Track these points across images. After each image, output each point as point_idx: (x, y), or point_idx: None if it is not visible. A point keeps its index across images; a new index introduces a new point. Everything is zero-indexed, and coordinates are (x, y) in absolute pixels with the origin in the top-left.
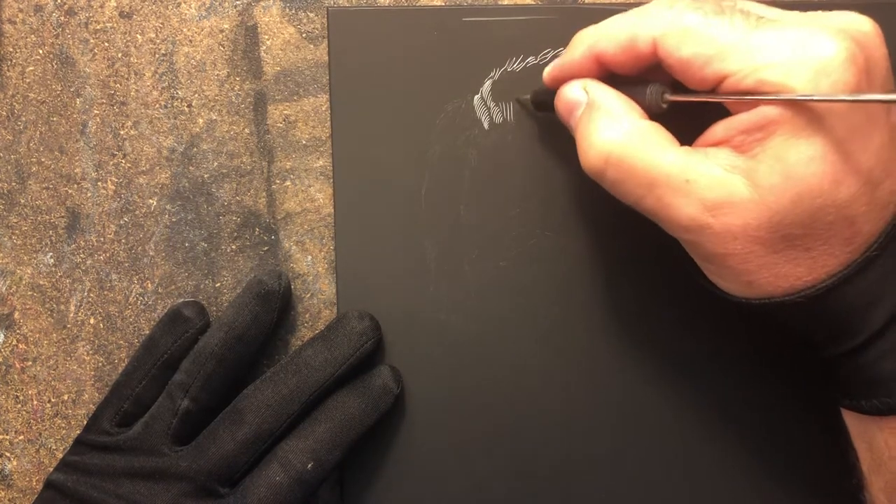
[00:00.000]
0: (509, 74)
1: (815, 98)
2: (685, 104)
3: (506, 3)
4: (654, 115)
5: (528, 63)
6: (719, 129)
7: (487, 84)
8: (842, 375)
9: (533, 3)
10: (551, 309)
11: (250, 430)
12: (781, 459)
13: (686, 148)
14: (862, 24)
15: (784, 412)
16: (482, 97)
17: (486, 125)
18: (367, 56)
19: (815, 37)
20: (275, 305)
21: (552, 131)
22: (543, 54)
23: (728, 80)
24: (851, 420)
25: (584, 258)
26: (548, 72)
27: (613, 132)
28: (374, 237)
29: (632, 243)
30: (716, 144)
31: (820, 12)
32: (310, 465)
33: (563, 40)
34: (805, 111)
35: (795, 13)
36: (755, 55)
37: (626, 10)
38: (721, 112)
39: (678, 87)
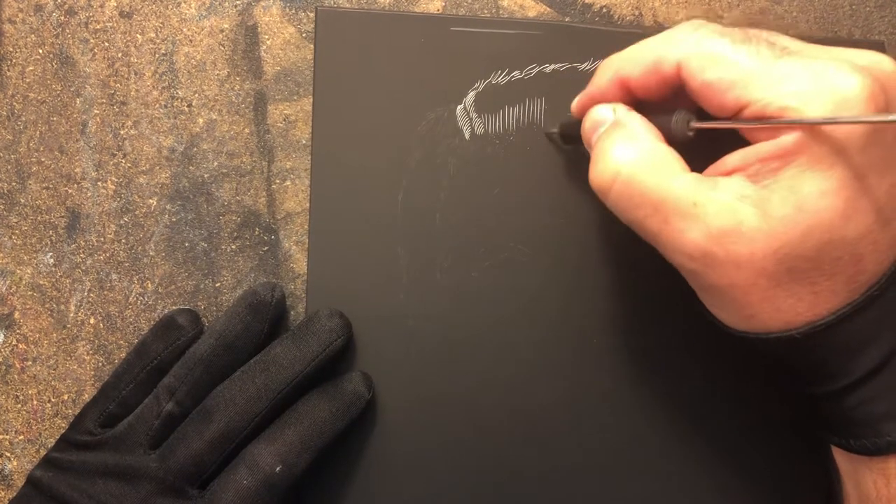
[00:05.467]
0: (493, 87)
1: (836, 120)
2: (707, 132)
3: (494, 16)
4: (681, 142)
5: (513, 77)
6: (735, 157)
7: (471, 95)
8: (832, 413)
9: (521, 17)
10: (520, 321)
11: (217, 429)
12: (768, 483)
13: (697, 175)
14: (884, 64)
15: (775, 439)
16: (465, 108)
17: (467, 135)
18: (353, 58)
19: (838, 71)
20: (266, 317)
21: (533, 147)
22: (528, 69)
23: (749, 108)
24: (841, 458)
25: (556, 273)
26: (576, 103)
27: (628, 151)
28: (347, 240)
29: (604, 262)
30: (730, 173)
31: (844, 48)
32: (278, 469)
33: (549, 56)
34: (823, 144)
35: (819, 47)
36: (778, 84)
37: (610, 32)
38: (734, 143)
39: (703, 116)
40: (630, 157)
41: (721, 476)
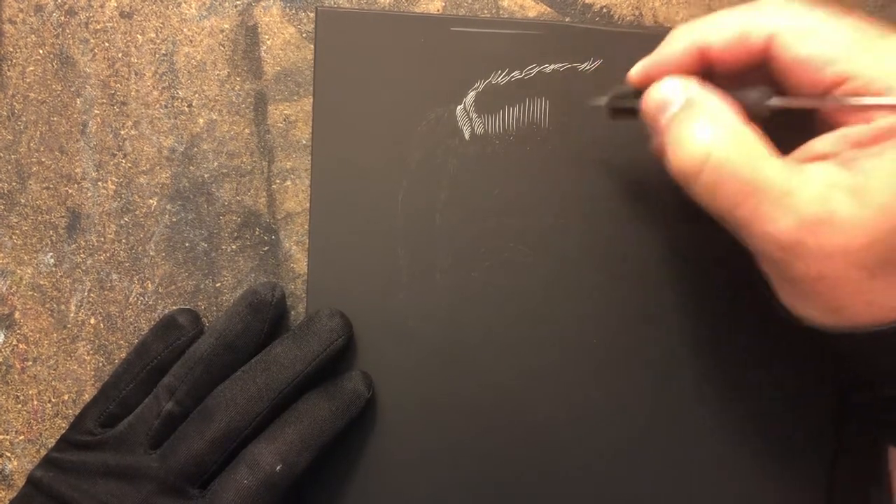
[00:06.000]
0: (493, 87)
1: None
2: (782, 115)
3: (494, 16)
4: (756, 121)
5: (512, 77)
6: (825, 142)
7: (471, 95)
8: None
9: (521, 17)
10: (520, 321)
11: (219, 428)
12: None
13: (788, 159)
14: None
15: (776, 444)
16: (465, 108)
17: (467, 136)
18: (353, 58)
19: None
20: (266, 316)
21: (533, 147)
22: (528, 69)
23: (848, 84)
24: None
25: (556, 274)
26: (638, 70)
27: (715, 133)
28: (347, 240)
29: (604, 262)
30: (820, 158)
31: None
32: (278, 468)
33: (549, 56)
34: None
35: None
36: (883, 61)
37: (610, 32)
38: (815, 127)
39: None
40: (718, 139)
41: (722, 477)
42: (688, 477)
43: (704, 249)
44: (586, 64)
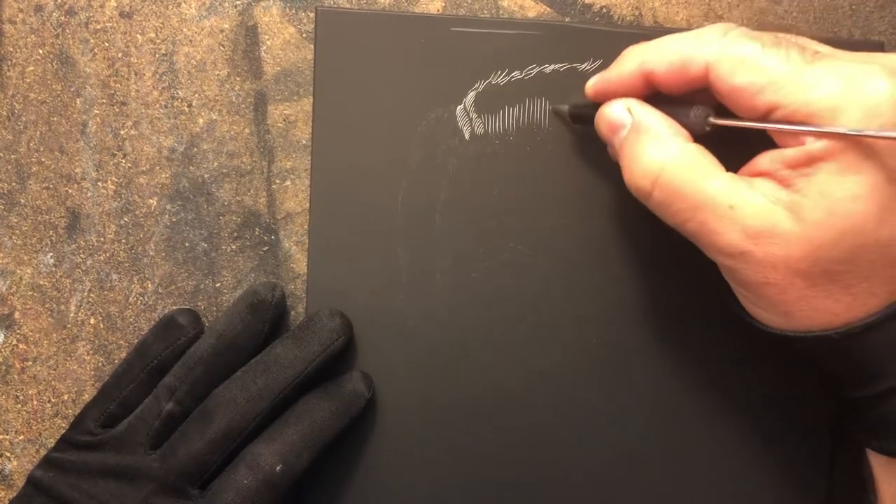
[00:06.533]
0: (493, 87)
1: (863, 133)
2: (729, 129)
3: (494, 16)
4: (696, 137)
5: (512, 77)
6: (765, 160)
7: (471, 95)
8: (872, 417)
9: (521, 17)
10: (519, 322)
11: (219, 429)
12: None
13: (732, 175)
14: None
15: (775, 443)
16: (465, 108)
17: (467, 136)
18: (353, 58)
19: (869, 76)
20: (267, 316)
21: (532, 147)
22: (528, 69)
23: (778, 112)
24: (880, 463)
25: (556, 274)
26: (592, 84)
27: (661, 154)
28: (347, 240)
29: (604, 262)
30: (760, 175)
31: (874, 53)
32: (278, 468)
33: (549, 56)
34: (852, 149)
35: (849, 52)
36: (808, 89)
37: (610, 32)
38: (763, 142)
39: (721, 110)
40: (664, 159)
41: (722, 478)
42: (688, 477)
43: None
44: (586, 64)
